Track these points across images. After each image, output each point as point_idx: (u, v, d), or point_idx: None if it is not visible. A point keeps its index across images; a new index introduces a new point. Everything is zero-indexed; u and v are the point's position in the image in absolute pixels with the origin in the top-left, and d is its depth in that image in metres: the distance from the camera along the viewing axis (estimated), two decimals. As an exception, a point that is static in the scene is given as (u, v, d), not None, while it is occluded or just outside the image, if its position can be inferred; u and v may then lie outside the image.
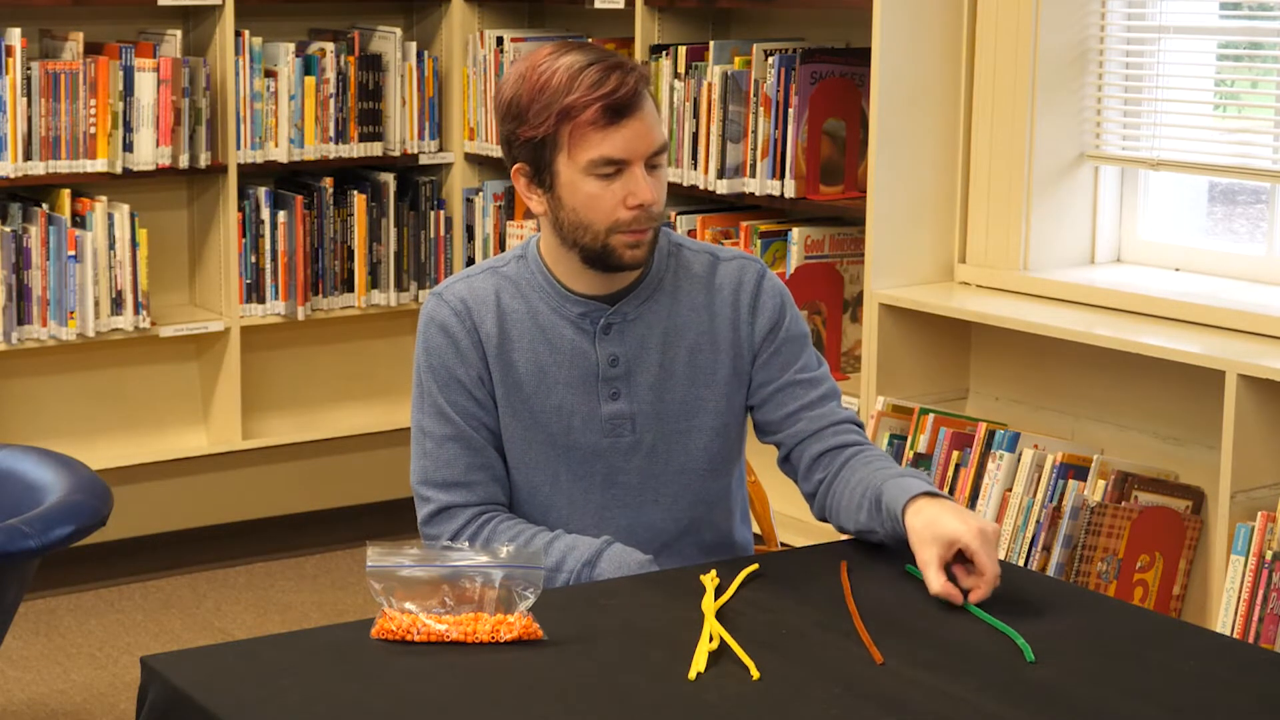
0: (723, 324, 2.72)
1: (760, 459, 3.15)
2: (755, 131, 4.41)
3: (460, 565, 2.27)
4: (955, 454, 3.97)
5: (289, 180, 5.21)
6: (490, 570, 2.26)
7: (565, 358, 2.67)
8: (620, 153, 2.56)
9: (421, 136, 5.30)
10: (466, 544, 2.50)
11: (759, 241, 4.40)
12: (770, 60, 4.38)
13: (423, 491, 2.69)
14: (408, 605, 2.25)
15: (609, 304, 2.68)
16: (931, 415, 4.02)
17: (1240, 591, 3.49)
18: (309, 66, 5.07)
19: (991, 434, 3.92)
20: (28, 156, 4.68)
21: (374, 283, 5.27)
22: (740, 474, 2.84)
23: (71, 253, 4.73)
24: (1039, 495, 3.80)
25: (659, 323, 2.70)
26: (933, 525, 2.42)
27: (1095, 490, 3.77)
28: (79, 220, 4.78)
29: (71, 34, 4.78)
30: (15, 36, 4.62)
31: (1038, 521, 3.78)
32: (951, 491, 3.96)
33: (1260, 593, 3.47)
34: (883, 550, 2.63)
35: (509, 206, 5.29)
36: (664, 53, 4.64)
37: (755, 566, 2.49)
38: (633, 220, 2.58)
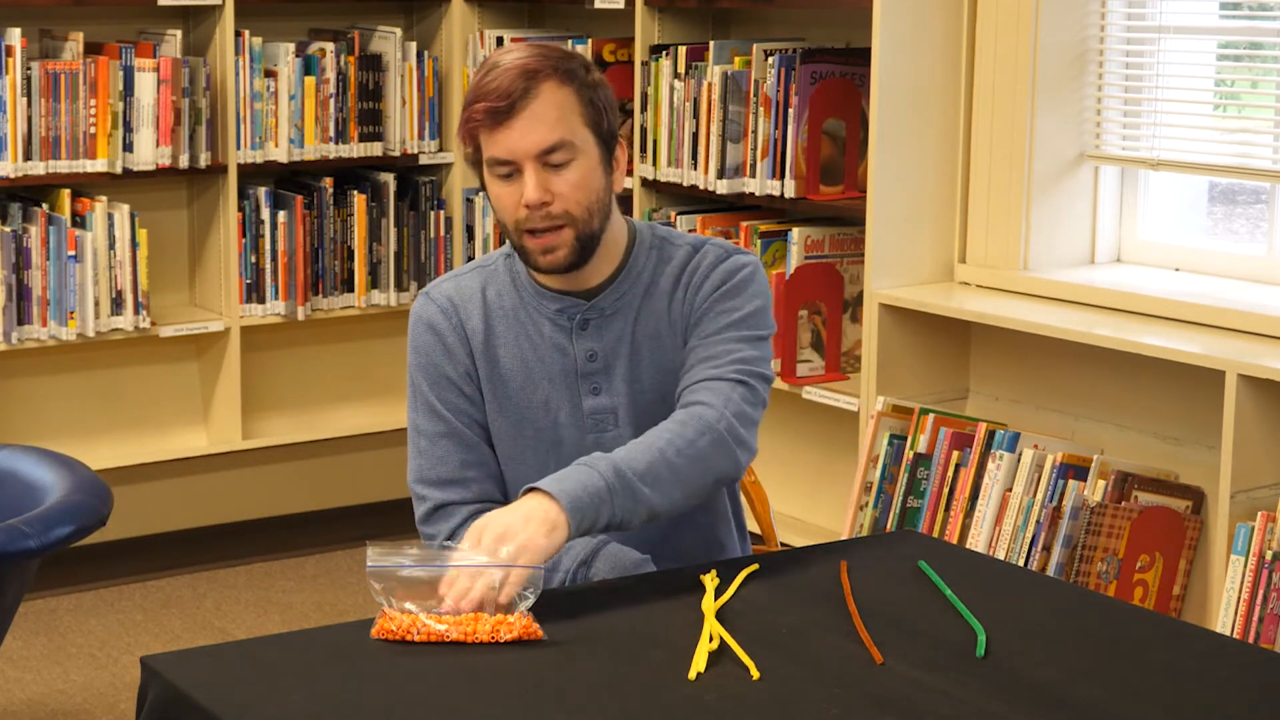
0: (676, 306, 2.71)
1: (760, 458, 3.14)
2: (755, 131, 4.41)
3: (459, 567, 2.27)
4: (955, 454, 3.97)
5: (289, 180, 5.21)
6: (491, 573, 2.27)
7: (547, 354, 2.69)
8: (504, 153, 2.58)
9: (421, 136, 5.30)
10: (466, 543, 2.50)
11: (759, 241, 4.40)
12: (770, 60, 4.38)
13: (419, 490, 2.71)
14: (408, 605, 2.25)
15: (586, 299, 2.69)
16: (931, 415, 4.02)
17: (1240, 591, 3.49)
18: (309, 66, 5.07)
19: (991, 434, 3.92)
20: (28, 156, 4.68)
21: (374, 283, 5.27)
22: (730, 486, 2.82)
23: (71, 253, 4.73)
24: (1039, 495, 3.80)
25: (633, 316, 2.70)
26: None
27: (1095, 490, 3.77)
28: (79, 220, 4.78)
29: (71, 34, 4.78)
30: (15, 36, 4.62)
31: (1038, 521, 3.78)
32: (951, 491, 3.96)
33: (1260, 593, 3.47)
34: (883, 550, 2.63)
35: (509, 206, 5.29)
36: (664, 53, 4.64)
37: (755, 566, 2.49)
38: (528, 219, 2.59)
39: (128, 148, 4.80)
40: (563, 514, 2.35)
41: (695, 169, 4.55)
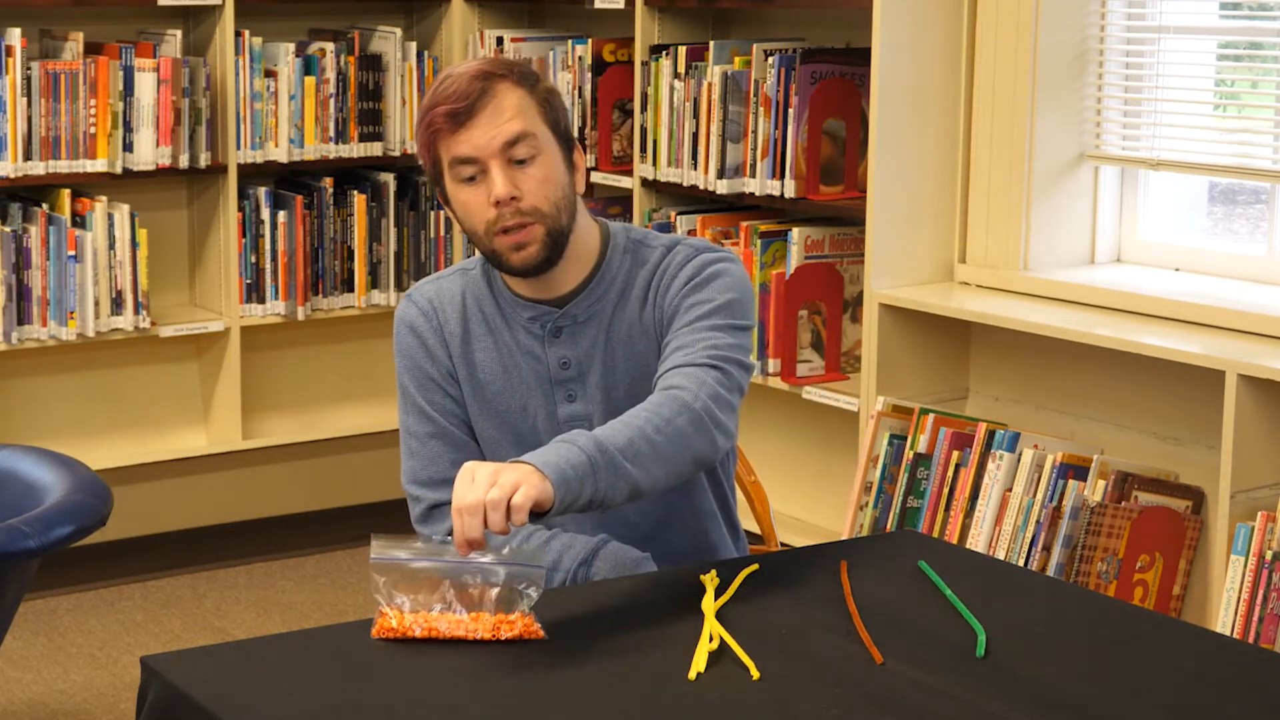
0: (648, 309, 2.70)
1: (760, 458, 3.14)
2: (755, 131, 4.41)
3: (462, 563, 2.27)
4: (955, 454, 3.97)
5: (289, 180, 5.21)
6: (492, 568, 2.27)
7: (522, 361, 2.70)
8: (470, 151, 2.59)
9: (421, 136, 5.30)
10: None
11: (759, 242, 4.40)
12: (770, 60, 4.38)
13: (413, 491, 2.73)
14: (408, 601, 2.26)
15: (558, 307, 2.69)
16: (931, 415, 4.02)
17: (1240, 591, 3.49)
18: (309, 66, 5.07)
19: (991, 434, 3.92)
20: (28, 156, 4.68)
21: (374, 283, 5.27)
22: (725, 470, 2.81)
23: (71, 253, 4.73)
24: (1039, 495, 3.80)
25: (606, 323, 2.69)
26: None
27: (1095, 490, 3.77)
28: (79, 220, 4.78)
29: (71, 34, 4.78)
30: (15, 36, 4.62)
31: (1038, 521, 3.78)
32: (951, 491, 3.96)
33: (1260, 593, 3.47)
34: (883, 550, 2.63)
35: (509, 206, 5.28)
36: (664, 53, 4.64)
37: (755, 566, 2.49)
38: (499, 218, 2.59)
39: (128, 148, 4.80)
40: (547, 482, 2.29)
41: (695, 169, 4.55)
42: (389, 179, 5.28)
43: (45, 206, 4.76)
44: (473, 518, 2.23)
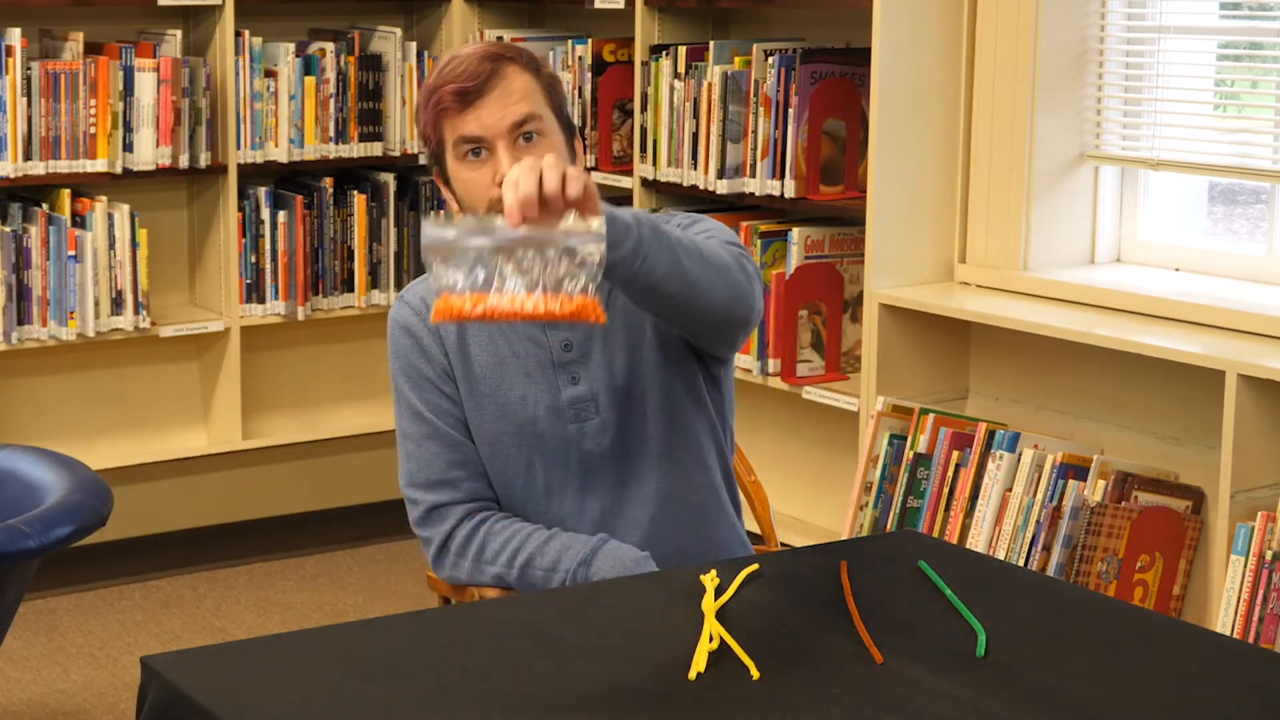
0: None
1: (760, 458, 3.14)
2: (755, 131, 4.41)
3: (515, 236, 2.18)
4: (955, 454, 3.97)
5: (289, 180, 5.21)
6: (547, 238, 2.18)
7: (521, 348, 2.70)
8: (476, 130, 2.60)
9: (421, 136, 5.30)
10: (459, 542, 2.53)
11: (759, 242, 4.40)
12: (770, 60, 4.38)
13: (410, 494, 2.73)
14: (463, 281, 2.17)
15: None
16: (931, 415, 4.02)
17: (1240, 591, 3.49)
18: (309, 66, 5.07)
19: (991, 434, 3.92)
20: (28, 156, 4.68)
21: (374, 283, 5.27)
22: (720, 463, 2.81)
23: (71, 253, 4.73)
24: (1039, 495, 3.80)
25: (604, 299, 2.69)
26: None
27: (1095, 490, 3.77)
28: (79, 220, 4.78)
29: (71, 34, 4.78)
30: (15, 36, 4.62)
31: (1038, 521, 3.78)
32: (951, 491, 3.96)
33: (1260, 593, 3.47)
34: (883, 550, 2.63)
35: (509, 206, 5.28)
36: (664, 53, 4.64)
37: (755, 566, 2.49)
38: (501, 198, 2.60)
39: (128, 148, 4.80)
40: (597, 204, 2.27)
41: (695, 169, 4.55)
42: (389, 179, 5.28)
43: (45, 206, 4.76)
44: (529, 174, 2.21)
